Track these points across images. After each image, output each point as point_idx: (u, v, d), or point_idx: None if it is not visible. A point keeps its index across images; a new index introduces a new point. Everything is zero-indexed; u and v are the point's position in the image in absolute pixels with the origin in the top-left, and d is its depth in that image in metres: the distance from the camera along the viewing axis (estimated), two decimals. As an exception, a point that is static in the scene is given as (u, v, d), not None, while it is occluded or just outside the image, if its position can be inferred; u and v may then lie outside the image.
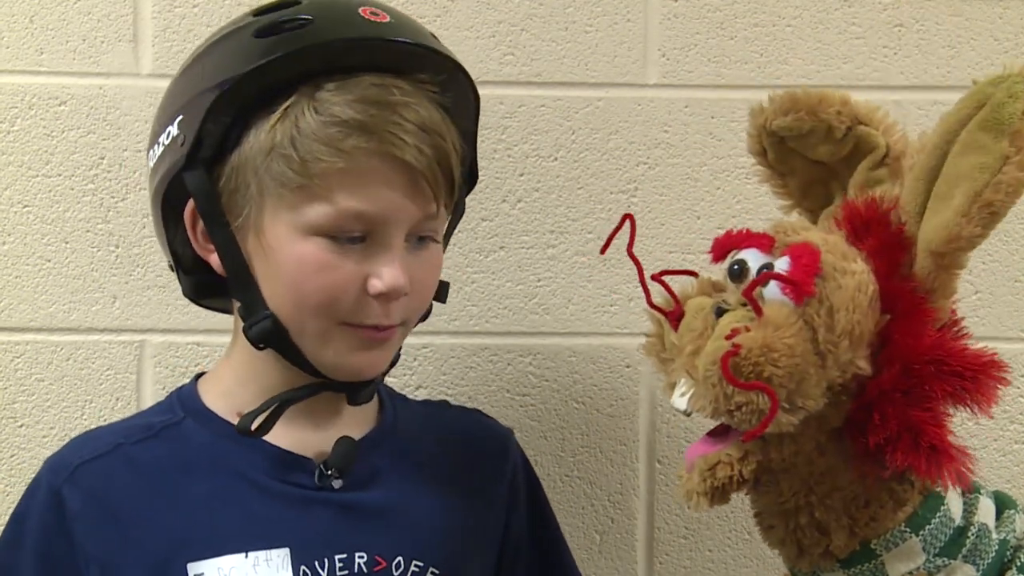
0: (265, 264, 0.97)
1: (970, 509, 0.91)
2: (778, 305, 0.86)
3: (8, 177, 1.34)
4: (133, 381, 1.35)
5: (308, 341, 0.98)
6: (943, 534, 0.90)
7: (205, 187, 0.97)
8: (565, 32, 1.37)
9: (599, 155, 1.37)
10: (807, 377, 0.84)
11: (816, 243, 0.88)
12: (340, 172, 0.93)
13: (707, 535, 1.38)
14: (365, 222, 0.94)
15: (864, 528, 0.90)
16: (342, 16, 0.97)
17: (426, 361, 1.37)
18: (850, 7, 1.36)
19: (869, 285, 0.86)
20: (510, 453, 1.18)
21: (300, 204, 0.94)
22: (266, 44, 0.95)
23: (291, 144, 0.93)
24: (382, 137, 0.93)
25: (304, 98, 0.94)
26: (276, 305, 0.97)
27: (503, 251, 1.37)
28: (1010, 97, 0.82)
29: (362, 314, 0.96)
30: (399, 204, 0.95)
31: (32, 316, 1.35)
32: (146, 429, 1.04)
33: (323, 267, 0.94)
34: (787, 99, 0.97)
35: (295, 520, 0.99)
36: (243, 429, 0.99)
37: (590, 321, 1.38)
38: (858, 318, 0.84)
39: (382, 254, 0.96)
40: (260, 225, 0.96)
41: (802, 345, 0.84)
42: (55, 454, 1.04)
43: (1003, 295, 1.37)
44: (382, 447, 1.07)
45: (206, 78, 0.96)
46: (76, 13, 1.34)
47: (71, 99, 1.34)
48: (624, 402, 1.38)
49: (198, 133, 0.95)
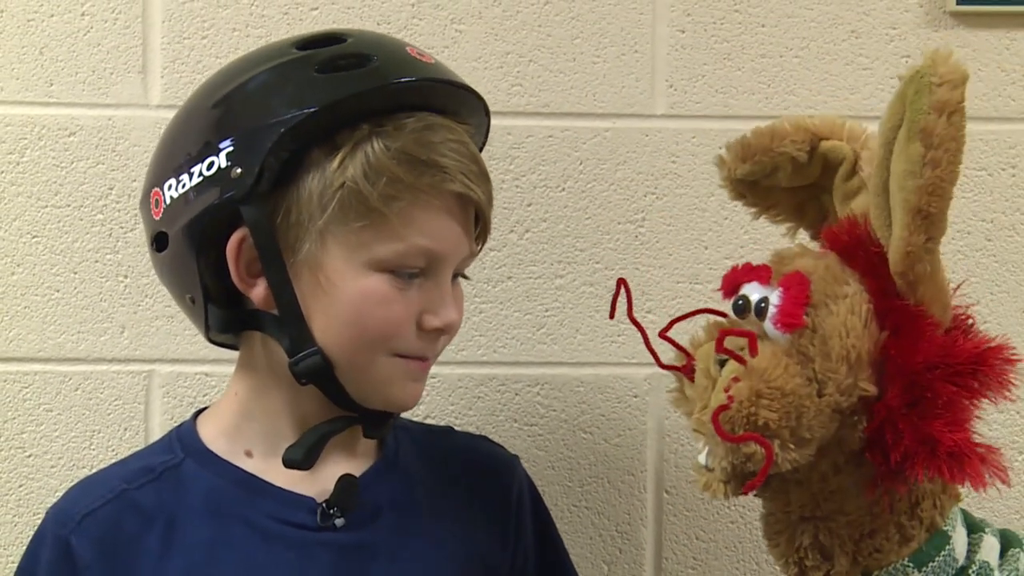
0: (319, 299, 0.96)
1: (974, 548, 0.91)
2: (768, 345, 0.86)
3: (17, 208, 1.34)
4: (141, 411, 1.35)
5: (353, 374, 0.98)
6: (945, 572, 0.89)
7: (263, 221, 0.95)
8: (573, 63, 1.37)
9: (607, 185, 1.37)
10: (804, 411, 0.84)
11: (808, 270, 0.87)
12: (412, 208, 0.94)
13: (715, 565, 1.38)
14: (429, 258, 0.96)
15: (867, 558, 0.90)
16: (398, 55, 0.99)
17: (434, 391, 1.37)
18: (857, 38, 1.37)
19: (863, 306, 0.85)
20: (516, 479, 1.17)
21: (370, 241, 0.94)
22: (334, 81, 0.95)
23: (364, 179, 0.93)
24: (452, 175, 0.95)
25: (371, 135, 0.94)
26: (326, 340, 0.96)
27: (511, 281, 1.37)
28: (917, 93, 0.79)
29: (412, 347, 0.98)
30: (459, 241, 0.99)
31: (40, 346, 1.35)
32: (148, 472, 1.02)
33: (386, 301, 0.95)
34: (740, 147, 0.97)
35: (296, 563, 0.99)
36: (292, 461, 0.98)
37: (598, 351, 1.37)
38: (853, 342, 0.84)
39: (435, 290, 0.98)
40: (319, 260, 0.95)
41: (792, 381, 0.84)
42: (57, 504, 1.03)
43: (1011, 325, 1.36)
44: (384, 482, 1.06)
45: (265, 111, 0.94)
46: (86, 45, 1.35)
47: (80, 130, 1.35)
48: (632, 432, 1.37)
49: (261, 167, 0.93)
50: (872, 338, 0.85)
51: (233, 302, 1.01)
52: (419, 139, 0.95)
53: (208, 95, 1.00)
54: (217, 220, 0.96)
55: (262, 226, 0.95)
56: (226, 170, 0.94)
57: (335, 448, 1.04)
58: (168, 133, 1.02)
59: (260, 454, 1.03)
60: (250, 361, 1.04)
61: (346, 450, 1.05)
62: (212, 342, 1.08)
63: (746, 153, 0.97)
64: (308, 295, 0.96)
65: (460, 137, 0.98)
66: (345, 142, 0.94)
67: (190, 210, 0.96)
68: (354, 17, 1.36)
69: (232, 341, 1.07)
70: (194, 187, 0.96)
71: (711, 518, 1.38)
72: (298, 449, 0.98)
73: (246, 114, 0.96)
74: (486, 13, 1.37)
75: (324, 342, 0.96)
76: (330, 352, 0.96)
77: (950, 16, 1.37)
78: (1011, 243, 1.38)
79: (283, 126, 0.92)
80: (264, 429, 1.02)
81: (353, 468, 1.03)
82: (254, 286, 0.98)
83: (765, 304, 0.88)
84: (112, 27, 1.35)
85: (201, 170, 0.96)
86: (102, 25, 1.35)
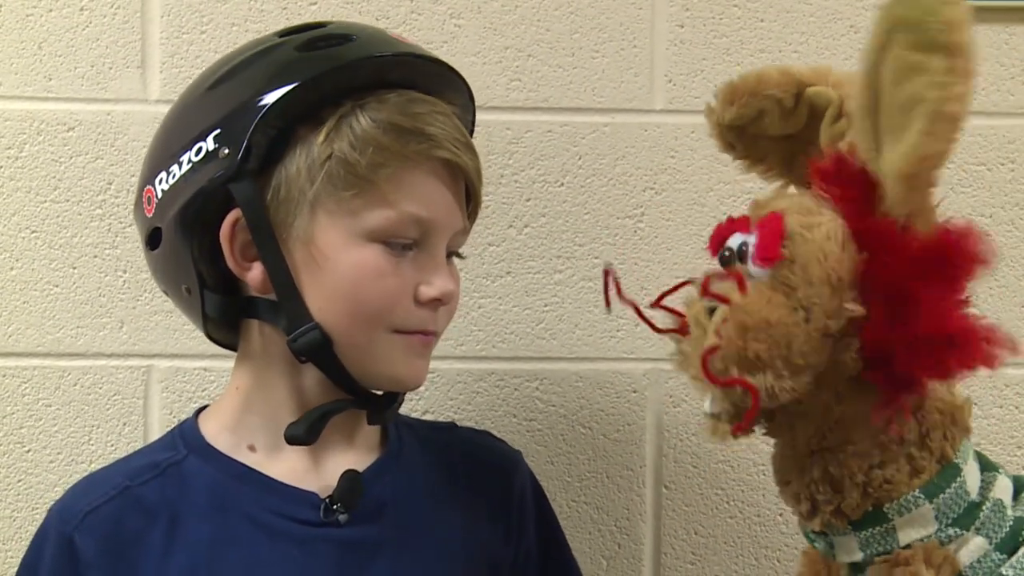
0: (314, 274, 0.97)
1: (987, 485, 0.90)
2: (752, 285, 0.86)
3: (16, 203, 1.34)
4: (140, 406, 1.35)
5: (354, 352, 0.98)
6: (957, 505, 0.88)
7: (254, 198, 0.96)
8: (572, 58, 1.37)
9: (606, 180, 1.37)
10: (794, 339, 0.84)
11: (781, 208, 0.88)
12: (401, 176, 0.96)
13: (714, 560, 1.38)
14: (421, 227, 0.98)
15: (878, 490, 0.89)
16: (378, 35, 1.03)
17: (433, 386, 1.37)
18: (856, 33, 1.37)
19: (838, 231, 0.86)
20: (519, 474, 1.17)
21: (360, 209, 0.96)
22: (315, 58, 0.97)
23: (351, 148, 0.95)
24: (439, 142, 0.97)
25: (356, 108, 0.96)
26: (324, 316, 0.97)
27: (510, 276, 1.38)
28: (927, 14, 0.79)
29: (411, 321, 0.99)
30: (450, 209, 1.00)
31: (39, 341, 1.35)
32: (151, 469, 1.02)
33: (381, 274, 0.96)
34: (727, 90, 0.98)
35: (299, 559, 0.99)
36: (294, 437, 0.98)
37: (597, 346, 1.38)
38: (832, 265, 0.84)
39: (430, 261, 0.99)
40: (311, 234, 0.96)
41: (777, 312, 0.84)
42: (60, 501, 1.02)
43: (1010, 319, 1.36)
44: (387, 477, 1.06)
45: (251, 91, 0.96)
46: (84, 39, 1.35)
47: (79, 125, 1.35)
48: (631, 427, 1.37)
49: (248, 144, 0.94)
50: (852, 259, 0.85)
51: (230, 290, 1.02)
52: (403, 110, 0.97)
53: (194, 91, 1.02)
54: (209, 204, 0.97)
55: (253, 204, 0.96)
56: (214, 152, 0.96)
57: (338, 443, 1.04)
58: (158, 132, 1.04)
59: (263, 447, 1.03)
60: (249, 353, 1.04)
61: (349, 445, 1.05)
62: (211, 339, 1.08)
63: (733, 96, 0.97)
64: (303, 271, 0.97)
65: (445, 111, 1.00)
66: (330, 117, 0.96)
67: (182, 197, 0.97)
68: (352, 12, 1.36)
69: (231, 339, 1.07)
70: (184, 175, 0.97)
71: (710, 513, 1.38)
72: (300, 425, 0.99)
73: (231, 98, 0.97)
74: (485, 8, 1.37)
75: (322, 318, 0.97)
76: (328, 328, 0.97)
77: (949, 11, 1.37)
78: (1010, 238, 1.38)
79: (266, 103, 0.94)
80: (266, 422, 1.02)
81: (356, 463, 1.03)
82: (249, 270, 0.99)
83: (745, 247, 0.89)
84: (111, 22, 1.35)
85: (190, 157, 0.97)
86: (101, 20, 1.35)
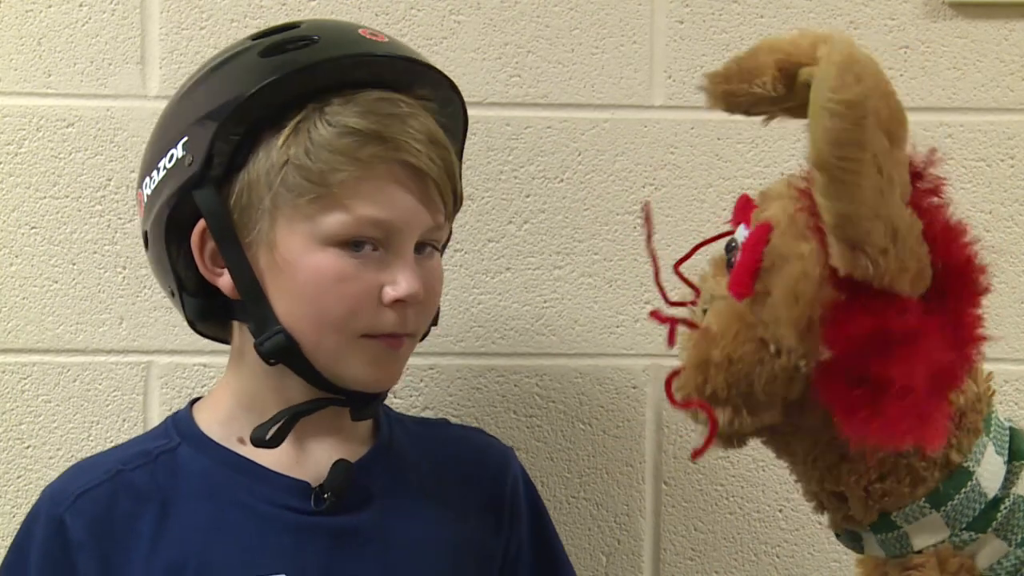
0: (278, 279, 0.97)
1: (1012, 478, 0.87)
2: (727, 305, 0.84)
3: (16, 198, 1.34)
4: (140, 402, 1.35)
5: (323, 355, 0.99)
6: (971, 509, 0.86)
7: (216, 205, 0.97)
8: (571, 54, 1.37)
9: (605, 176, 1.37)
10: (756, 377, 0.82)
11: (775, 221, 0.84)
12: (357, 180, 0.96)
13: (713, 556, 1.38)
14: (382, 229, 0.97)
15: (880, 500, 0.87)
16: (345, 35, 1.02)
17: (432, 382, 1.37)
18: (856, 28, 1.36)
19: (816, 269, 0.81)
20: (510, 470, 1.17)
21: (316, 214, 0.96)
22: (274, 63, 0.97)
23: (306, 155, 0.95)
24: (397, 145, 0.96)
25: (314, 112, 0.96)
26: (290, 321, 0.98)
27: (509, 272, 1.37)
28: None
29: (379, 324, 0.98)
30: (413, 210, 0.98)
31: (39, 337, 1.35)
32: (143, 455, 1.04)
33: (341, 278, 0.96)
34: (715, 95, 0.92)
35: (290, 547, 1.00)
36: (258, 439, 0.99)
37: (596, 342, 1.37)
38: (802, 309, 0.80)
39: (395, 262, 0.98)
40: (273, 240, 0.97)
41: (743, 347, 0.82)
42: (53, 484, 1.04)
43: (1010, 316, 1.36)
44: (378, 468, 1.07)
45: (213, 98, 0.97)
46: (84, 35, 1.35)
47: (79, 121, 1.35)
48: (630, 423, 1.37)
49: (208, 151, 0.96)
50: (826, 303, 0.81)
51: (209, 293, 1.03)
52: (362, 112, 0.97)
53: (175, 96, 1.04)
54: (179, 211, 0.99)
55: (215, 211, 0.97)
56: (181, 159, 0.98)
57: (328, 434, 1.05)
58: (150, 136, 1.05)
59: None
60: (236, 350, 1.06)
61: (340, 436, 1.06)
62: (202, 335, 1.10)
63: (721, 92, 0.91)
64: (267, 276, 0.98)
65: (411, 110, 0.99)
66: (290, 121, 0.96)
67: (158, 203, 1.00)
68: (351, 9, 1.36)
69: (220, 334, 1.08)
70: (160, 181, 1.00)
71: (709, 509, 1.38)
72: (266, 428, 0.99)
73: (198, 105, 0.99)
74: (484, 4, 1.37)
75: (288, 323, 0.98)
76: (295, 332, 0.98)
77: (948, 7, 1.37)
78: (1010, 234, 1.38)
79: (226, 110, 0.96)
80: (254, 417, 1.02)
81: (348, 454, 1.04)
82: (220, 275, 1.00)
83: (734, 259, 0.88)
84: (110, 18, 1.35)
85: (165, 164, 1.00)
86: (100, 16, 1.35)
